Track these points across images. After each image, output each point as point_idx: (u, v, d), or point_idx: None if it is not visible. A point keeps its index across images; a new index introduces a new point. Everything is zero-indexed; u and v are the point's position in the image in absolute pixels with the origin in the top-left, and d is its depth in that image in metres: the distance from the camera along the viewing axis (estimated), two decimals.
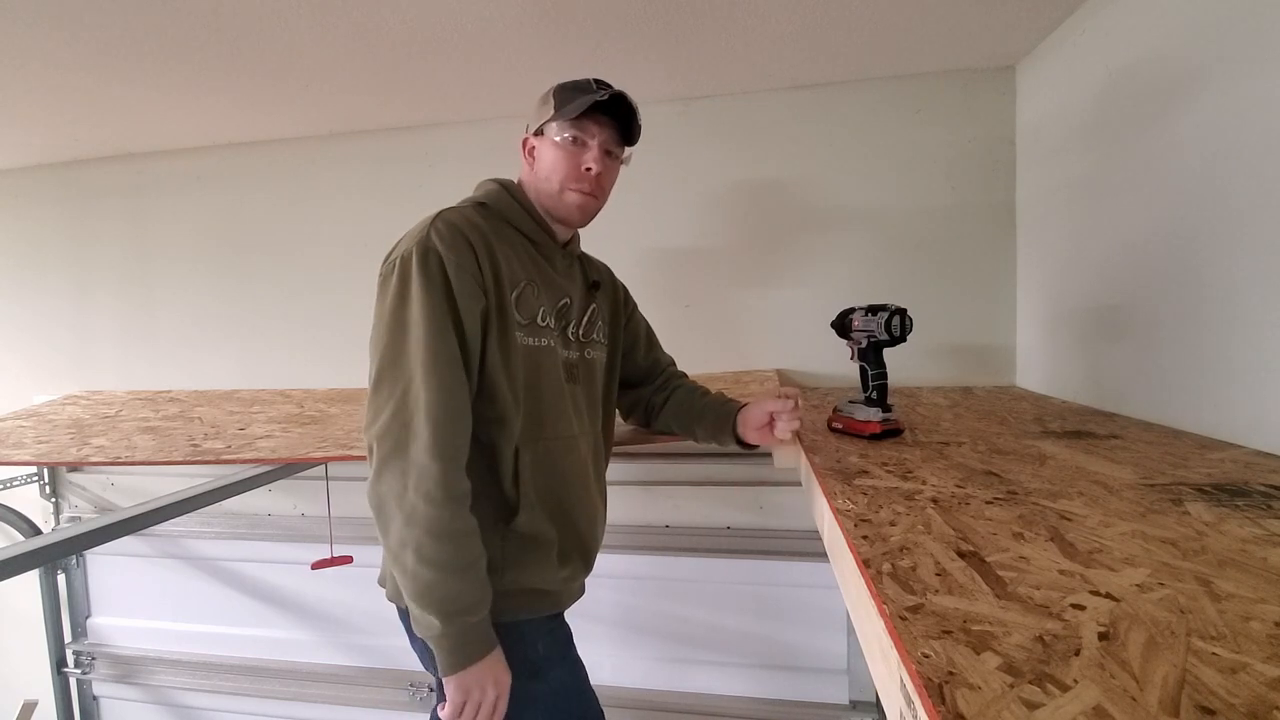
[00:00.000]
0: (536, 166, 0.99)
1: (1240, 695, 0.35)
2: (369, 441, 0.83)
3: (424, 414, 0.80)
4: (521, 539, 0.90)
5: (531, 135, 1.00)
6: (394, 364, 0.83)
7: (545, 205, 1.00)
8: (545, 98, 0.99)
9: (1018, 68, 1.69)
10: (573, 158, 0.96)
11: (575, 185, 0.97)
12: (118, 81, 1.66)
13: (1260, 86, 0.92)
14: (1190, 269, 1.06)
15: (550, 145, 0.97)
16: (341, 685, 2.07)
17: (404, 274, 0.85)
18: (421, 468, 0.79)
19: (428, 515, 0.78)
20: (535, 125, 0.99)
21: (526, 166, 1.02)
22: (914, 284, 1.76)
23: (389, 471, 0.80)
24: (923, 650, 0.40)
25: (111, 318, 2.34)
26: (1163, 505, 0.67)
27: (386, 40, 1.48)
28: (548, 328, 0.95)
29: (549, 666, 0.94)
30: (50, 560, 1.53)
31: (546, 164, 0.97)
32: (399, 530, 0.80)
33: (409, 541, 0.79)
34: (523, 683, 0.89)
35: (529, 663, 0.91)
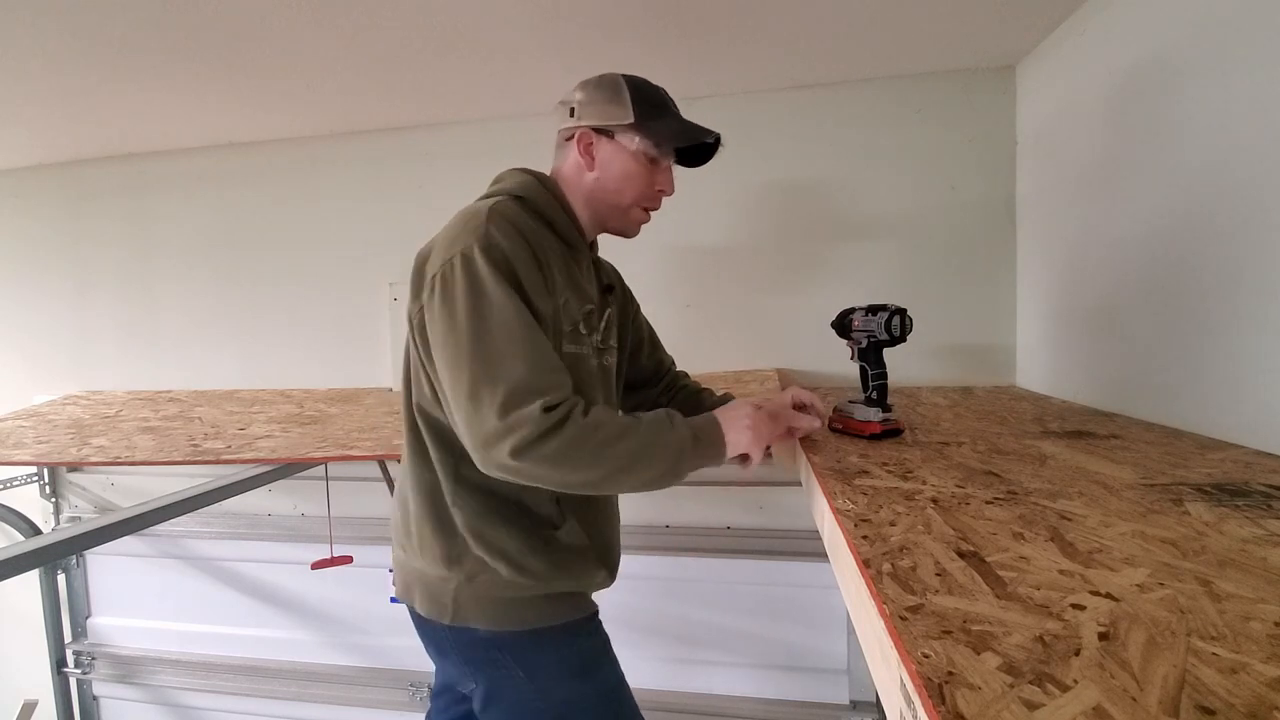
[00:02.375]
0: (600, 171, 0.92)
1: (1240, 695, 0.35)
2: (493, 453, 0.75)
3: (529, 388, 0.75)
4: (563, 549, 0.90)
5: (596, 132, 0.92)
6: (489, 364, 0.75)
7: (600, 212, 0.95)
8: (614, 93, 0.90)
9: (1018, 68, 1.69)
10: (648, 176, 0.92)
11: (645, 204, 0.94)
12: (118, 81, 1.66)
13: (1261, 86, 0.92)
14: (1191, 269, 1.06)
15: (625, 155, 0.91)
16: (341, 685, 2.07)
17: (470, 271, 0.78)
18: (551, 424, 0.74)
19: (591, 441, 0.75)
20: (602, 123, 0.91)
21: (579, 163, 0.93)
22: (914, 284, 1.76)
23: (536, 451, 0.73)
24: (923, 650, 0.40)
25: (111, 318, 2.35)
26: (1163, 505, 0.67)
27: (386, 40, 1.48)
28: (585, 336, 0.92)
29: (596, 666, 0.95)
30: (50, 560, 1.53)
31: (616, 174, 0.91)
32: (598, 473, 0.76)
33: (611, 468, 0.76)
34: (572, 683, 0.90)
35: (578, 662, 0.92)
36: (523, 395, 0.74)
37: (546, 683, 0.88)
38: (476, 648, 0.88)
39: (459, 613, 0.87)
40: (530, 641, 0.88)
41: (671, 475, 0.81)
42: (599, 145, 0.92)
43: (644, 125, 0.90)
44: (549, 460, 0.74)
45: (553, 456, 0.74)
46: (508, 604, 0.87)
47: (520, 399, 0.74)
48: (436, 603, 0.88)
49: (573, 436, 0.74)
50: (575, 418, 0.75)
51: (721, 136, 0.96)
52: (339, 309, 2.15)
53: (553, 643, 0.89)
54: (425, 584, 0.90)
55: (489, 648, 0.88)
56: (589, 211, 0.95)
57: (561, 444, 0.73)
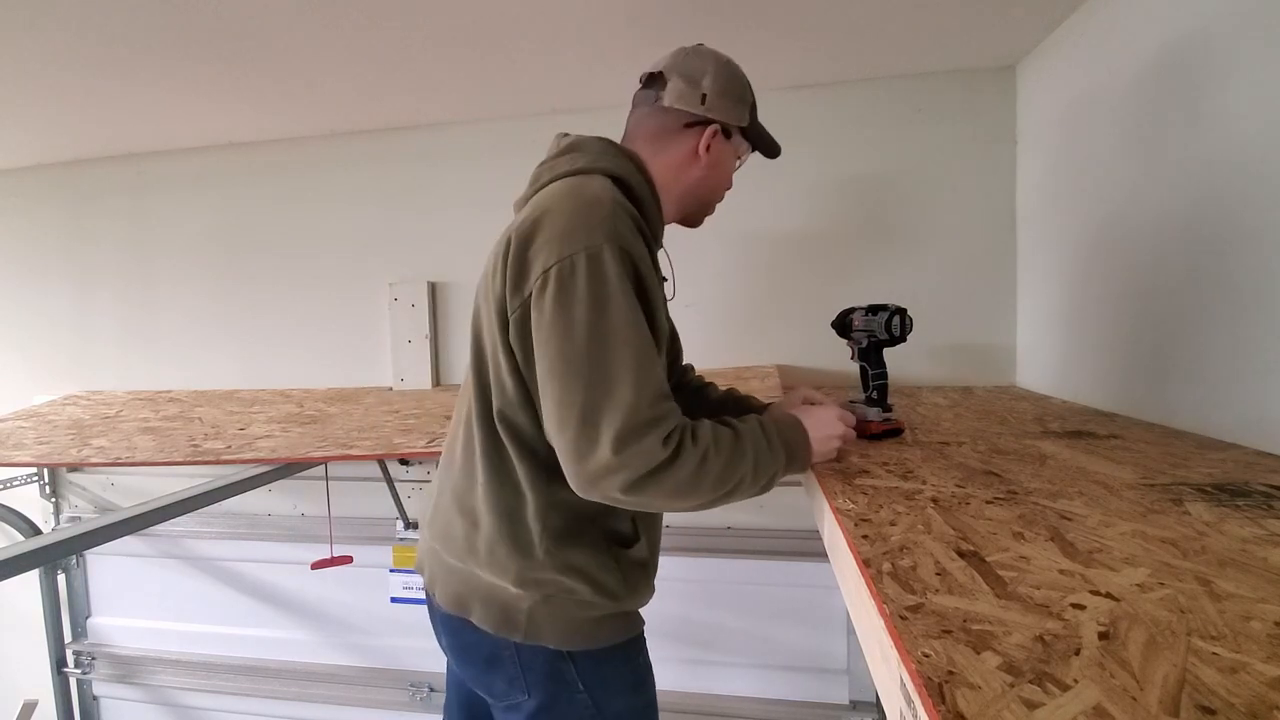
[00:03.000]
0: (710, 169, 0.88)
1: (1240, 695, 0.35)
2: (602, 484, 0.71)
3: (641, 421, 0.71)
4: (633, 565, 0.88)
5: (717, 130, 0.87)
6: (606, 388, 0.70)
7: (688, 206, 0.91)
8: (740, 93, 0.88)
9: (1018, 67, 1.69)
10: (730, 177, 0.91)
11: (718, 202, 0.93)
12: (118, 81, 1.66)
13: (1263, 86, 0.92)
14: (1191, 268, 1.06)
15: (731, 156, 0.89)
16: (341, 685, 2.07)
17: (598, 277, 0.70)
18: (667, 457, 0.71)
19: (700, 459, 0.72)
20: (730, 121, 0.87)
21: (692, 154, 0.88)
22: (914, 284, 1.76)
23: (652, 487, 0.71)
24: (923, 650, 0.40)
25: (111, 318, 2.35)
26: (1163, 505, 0.67)
27: (386, 40, 1.48)
28: (664, 343, 0.87)
29: (646, 677, 0.95)
30: (50, 560, 1.53)
31: (724, 175, 0.90)
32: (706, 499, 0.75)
33: (718, 495, 0.74)
34: (627, 696, 0.89)
35: (635, 677, 0.91)
36: (641, 427, 0.69)
37: (605, 697, 0.87)
38: (542, 662, 0.85)
39: (532, 630, 0.83)
40: (598, 658, 0.87)
41: (767, 489, 0.80)
42: (719, 148, 0.89)
43: (755, 135, 0.89)
44: (663, 494, 0.72)
45: (667, 490, 0.72)
46: (582, 623, 0.85)
47: (639, 431, 0.69)
48: (506, 619, 0.83)
49: (688, 468, 0.71)
50: (687, 446, 0.72)
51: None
52: (339, 309, 2.15)
53: (618, 659, 0.88)
54: (493, 599, 0.84)
55: (556, 661, 0.84)
56: (679, 202, 0.91)
57: (676, 478, 0.71)
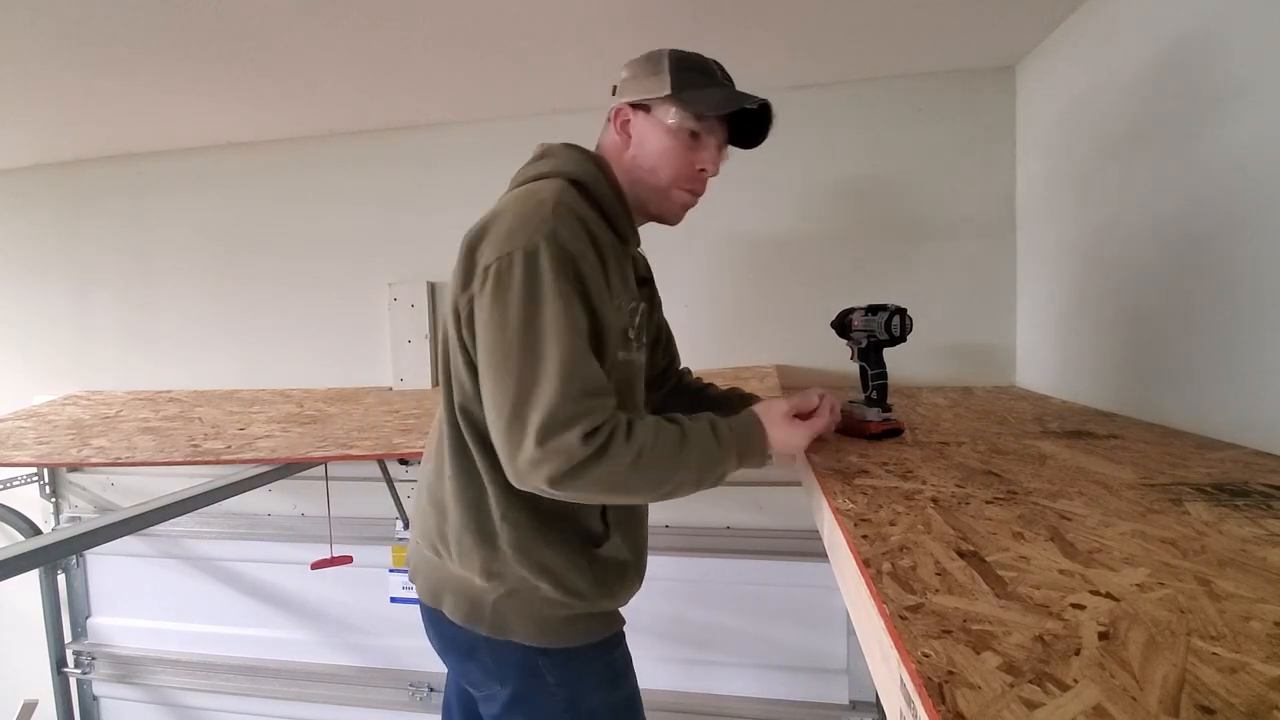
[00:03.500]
0: (636, 149, 0.85)
1: (1240, 695, 0.35)
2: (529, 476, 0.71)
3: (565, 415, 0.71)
4: (606, 564, 0.87)
5: (633, 108, 0.85)
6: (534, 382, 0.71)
7: (641, 196, 0.87)
8: (655, 66, 0.84)
9: (1018, 68, 1.69)
10: (688, 154, 0.84)
11: (687, 185, 0.86)
12: (118, 81, 1.66)
13: (1263, 86, 0.92)
14: (1190, 269, 1.06)
15: (662, 131, 0.83)
16: (341, 685, 2.07)
17: (532, 273, 0.71)
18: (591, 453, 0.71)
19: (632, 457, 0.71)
20: (640, 97, 0.84)
21: (617, 142, 0.87)
22: (914, 284, 1.76)
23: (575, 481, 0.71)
24: (923, 650, 0.40)
25: (111, 318, 2.35)
26: (1163, 505, 0.67)
27: (386, 40, 1.48)
28: (631, 339, 0.86)
29: (624, 674, 0.95)
30: (50, 560, 1.53)
31: (653, 152, 0.84)
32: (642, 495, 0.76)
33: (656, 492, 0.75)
34: (602, 693, 0.89)
35: (610, 675, 0.91)
36: (562, 422, 0.69)
37: (578, 694, 0.87)
38: (514, 656, 0.86)
39: (498, 623, 0.84)
40: (569, 656, 0.87)
41: (715, 484, 0.80)
42: (635, 121, 0.86)
43: (681, 96, 0.82)
44: (592, 489, 0.72)
45: (595, 485, 0.72)
46: (548, 621, 0.85)
47: (559, 426, 0.69)
48: (474, 610, 0.85)
49: (616, 465, 0.71)
50: (617, 441, 0.71)
51: (771, 106, 0.86)
52: (339, 309, 2.15)
53: (590, 657, 0.88)
54: (461, 591, 0.86)
55: (527, 656, 0.85)
56: (632, 194, 0.88)
57: (602, 474, 0.71)
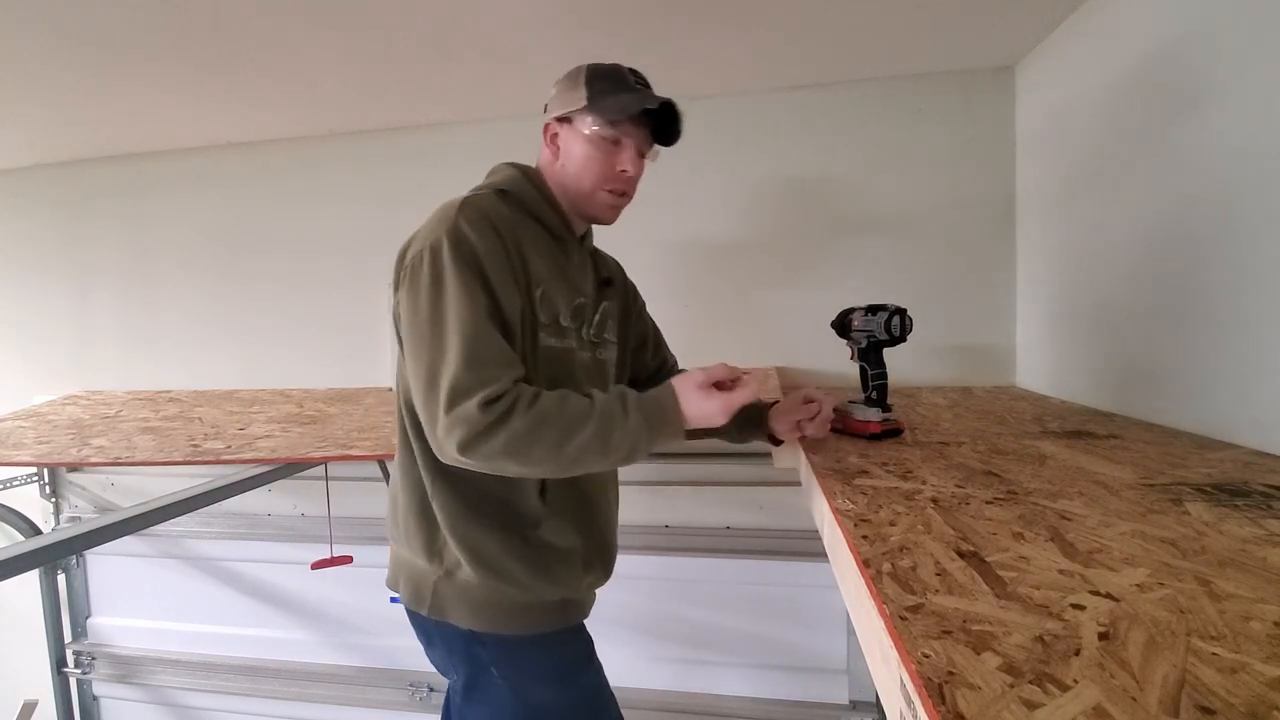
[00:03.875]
0: (564, 159, 0.92)
1: (1240, 695, 0.35)
2: (444, 446, 0.76)
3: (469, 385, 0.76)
4: (547, 549, 0.88)
5: (555, 121, 0.92)
6: (440, 358, 0.77)
7: (572, 200, 0.94)
8: (574, 81, 0.90)
9: (1017, 68, 1.69)
10: (608, 157, 0.90)
11: (609, 186, 0.92)
12: (118, 81, 1.66)
13: (1261, 87, 0.92)
14: (1190, 269, 1.06)
15: (581, 140, 0.90)
16: (341, 685, 2.07)
17: (436, 263, 0.79)
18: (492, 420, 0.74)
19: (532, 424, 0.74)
20: (562, 111, 0.91)
21: (549, 154, 0.94)
22: (914, 284, 1.76)
23: (482, 447, 0.74)
24: (923, 650, 0.40)
25: (111, 318, 2.35)
26: (1163, 505, 0.67)
27: (386, 40, 1.48)
28: (569, 329, 0.91)
29: (577, 672, 0.94)
30: (50, 560, 1.53)
31: (577, 159, 0.91)
32: (549, 465, 0.77)
33: (563, 461, 0.76)
34: (551, 688, 0.90)
35: (558, 670, 0.92)
36: (462, 392, 0.74)
37: (523, 686, 0.89)
38: (458, 641, 0.89)
39: (437, 605, 0.88)
40: (510, 646, 0.88)
41: (630, 462, 0.80)
42: (561, 133, 0.92)
43: (595, 105, 0.88)
44: (496, 454, 0.75)
45: (499, 452, 0.74)
46: (484, 606, 0.87)
47: (461, 395, 0.74)
48: (417, 593, 0.89)
49: (517, 431, 0.74)
50: (518, 409, 0.75)
51: (676, 104, 0.91)
52: (339, 309, 2.15)
53: (533, 649, 0.89)
54: (409, 573, 0.91)
55: (469, 644, 0.88)
56: (564, 200, 0.94)
57: (506, 438, 0.74)
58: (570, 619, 0.94)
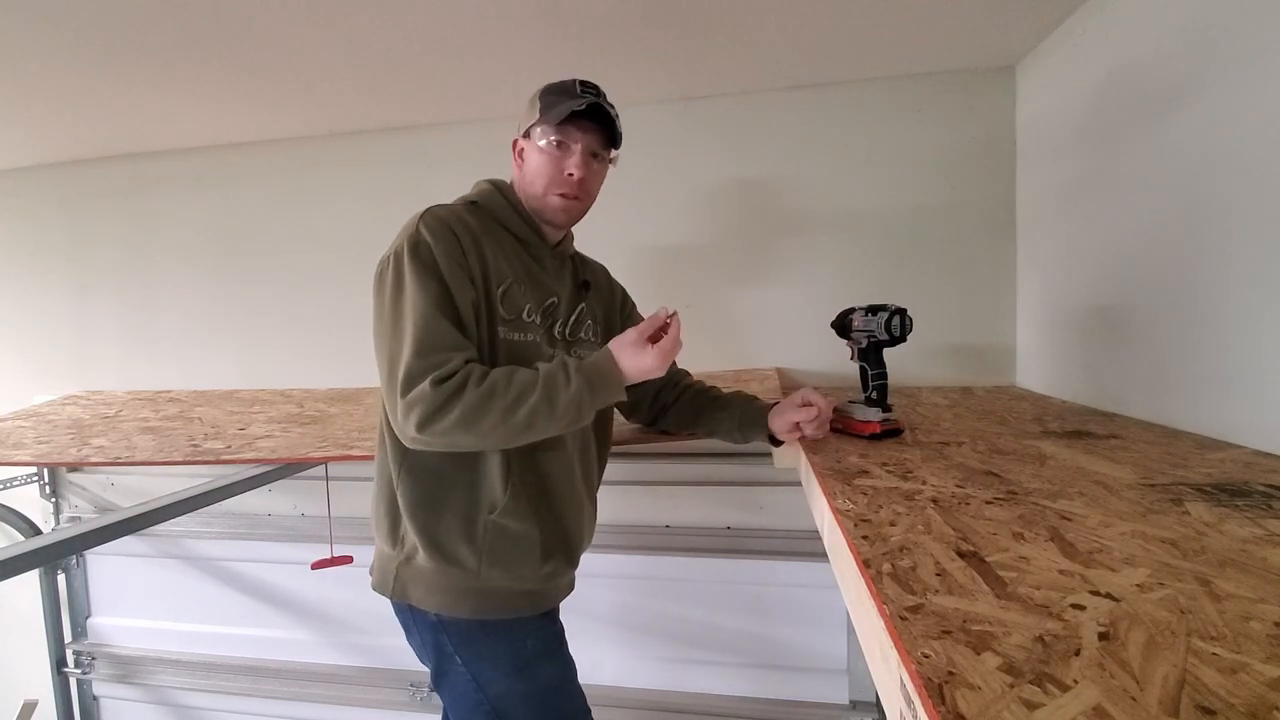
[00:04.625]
0: (524, 169, 1.01)
1: (1240, 695, 0.35)
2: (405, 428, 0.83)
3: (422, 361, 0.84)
4: (502, 533, 0.92)
5: (520, 137, 1.02)
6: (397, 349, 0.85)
7: (533, 206, 1.01)
8: (532, 100, 1.00)
9: (1018, 68, 1.69)
10: (556, 162, 0.97)
11: (558, 189, 0.98)
12: (118, 81, 1.66)
13: (1260, 87, 0.92)
14: (1190, 269, 1.06)
15: (535, 149, 0.98)
16: (341, 685, 2.07)
17: (397, 267, 0.88)
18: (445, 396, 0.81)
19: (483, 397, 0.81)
20: (524, 128, 1.00)
21: (515, 169, 1.03)
22: (914, 284, 1.75)
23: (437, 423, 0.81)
24: (923, 650, 0.40)
25: (111, 318, 2.34)
26: (1163, 505, 0.67)
27: (386, 41, 1.48)
28: (533, 324, 0.97)
29: (537, 664, 0.96)
30: (50, 560, 1.53)
31: (532, 167, 0.99)
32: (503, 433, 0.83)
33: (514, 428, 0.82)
34: (511, 680, 0.93)
35: (517, 660, 0.94)
36: (417, 375, 0.82)
37: (484, 674, 0.93)
38: (425, 627, 0.94)
39: (399, 589, 0.94)
40: (471, 631, 0.93)
41: (579, 423, 0.88)
42: (525, 148, 1.01)
43: (543, 116, 0.96)
44: (451, 429, 0.81)
45: (454, 425, 0.81)
46: (439, 590, 0.92)
47: (415, 378, 0.82)
48: (383, 577, 0.96)
49: (468, 404, 0.81)
50: (470, 385, 0.81)
51: (596, 96, 0.95)
52: (339, 309, 2.15)
53: (493, 636, 0.94)
54: (380, 561, 0.98)
55: (435, 630, 0.93)
56: (531, 209, 1.02)
57: (460, 412, 0.80)
58: (525, 609, 0.97)
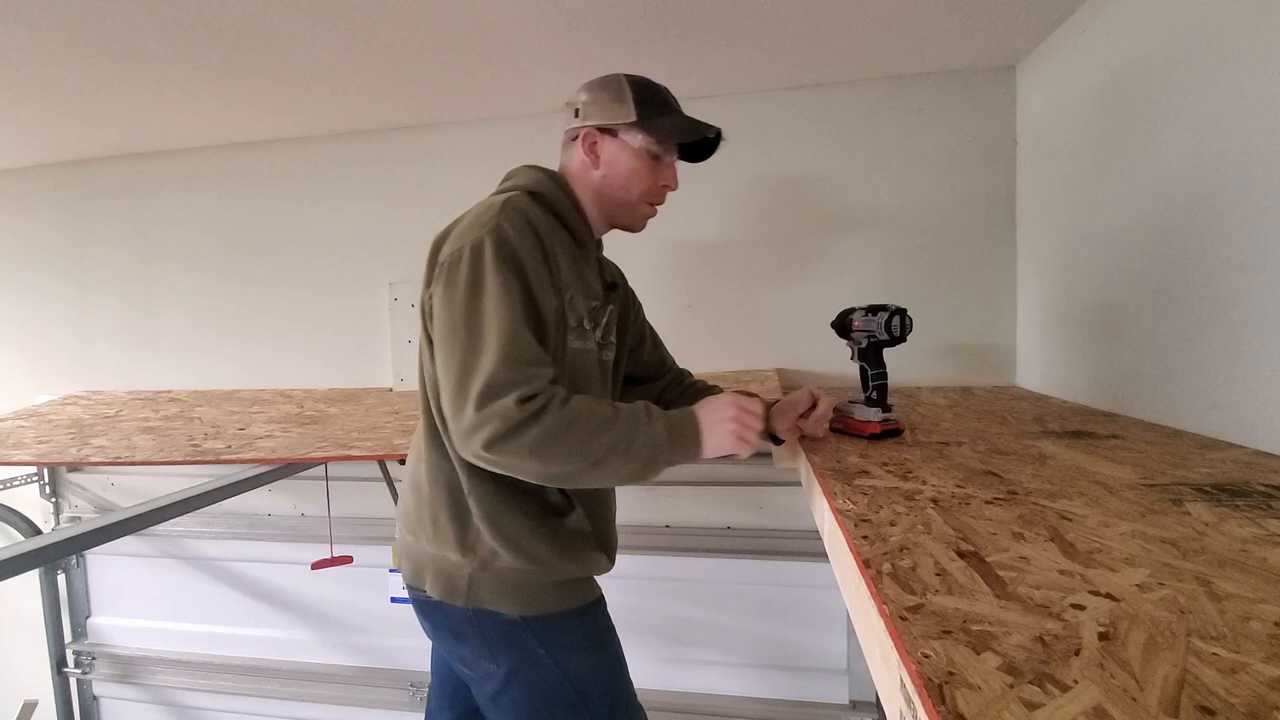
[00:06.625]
0: (606, 169, 0.95)
1: (1240, 695, 0.35)
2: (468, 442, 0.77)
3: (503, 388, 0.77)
4: (570, 535, 0.93)
5: (598, 133, 0.94)
6: (474, 355, 0.78)
7: (607, 209, 0.98)
8: (618, 93, 0.93)
9: (1018, 67, 1.69)
10: (653, 172, 0.95)
11: (651, 199, 0.96)
12: (118, 81, 1.66)
13: (1260, 86, 0.92)
14: (1190, 269, 1.06)
15: (629, 153, 0.94)
16: (341, 685, 2.07)
17: (476, 263, 0.81)
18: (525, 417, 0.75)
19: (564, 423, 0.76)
20: (604, 121, 0.93)
21: (585, 161, 0.96)
22: (914, 284, 1.75)
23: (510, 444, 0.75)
24: (923, 650, 0.40)
25: (111, 318, 2.35)
26: (1163, 505, 0.67)
27: (387, 40, 1.48)
28: (589, 331, 0.94)
29: (608, 639, 1.00)
30: (50, 560, 1.53)
31: (622, 171, 0.94)
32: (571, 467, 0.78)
33: (584, 463, 0.77)
34: (589, 655, 0.95)
35: (592, 638, 0.97)
36: (499, 388, 0.75)
37: (566, 659, 0.92)
38: (498, 630, 0.90)
39: (474, 596, 0.89)
40: (550, 624, 0.92)
41: (645, 473, 0.82)
42: (603, 144, 0.95)
43: (646, 123, 0.92)
44: (522, 453, 0.76)
45: (526, 450, 0.75)
46: (521, 589, 0.90)
47: (496, 392, 0.75)
48: (452, 586, 0.90)
49: (548, 429, 0.75)
50: (552, 409, 0.76)
51: (722, 131, 0.98)
52: (339, 309, 2.15)
53: (572, 624, 0.94)
54: (439, 568, 0.91)
55: (512, 628, 0.90)
56: (597, 208, 0.98)
57: (536, 437, 0.75)
58: (594, 594, 1.00)
